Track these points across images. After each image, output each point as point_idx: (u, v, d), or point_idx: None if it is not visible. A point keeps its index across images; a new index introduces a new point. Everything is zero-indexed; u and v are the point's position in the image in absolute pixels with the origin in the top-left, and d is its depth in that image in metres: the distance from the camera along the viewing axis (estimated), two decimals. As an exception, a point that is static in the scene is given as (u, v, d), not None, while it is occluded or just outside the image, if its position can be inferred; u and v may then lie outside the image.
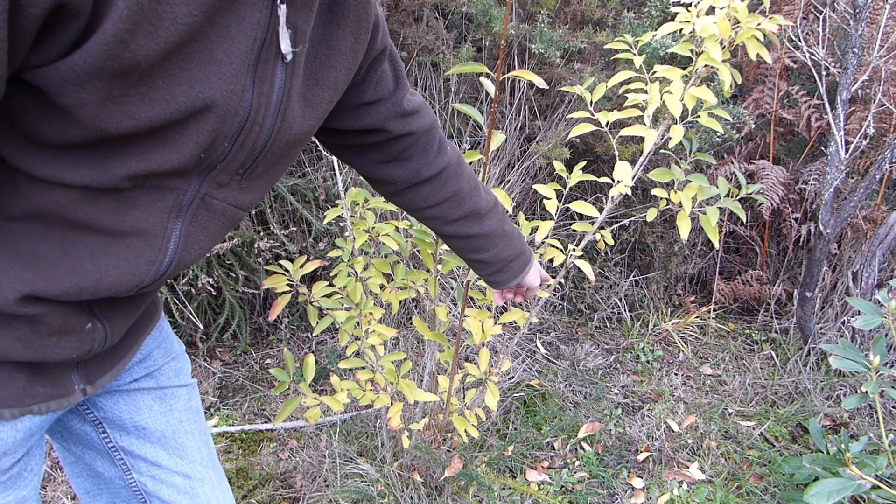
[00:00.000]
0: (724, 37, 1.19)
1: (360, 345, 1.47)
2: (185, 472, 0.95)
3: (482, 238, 1.10)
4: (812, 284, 2.43)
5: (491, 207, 1.10)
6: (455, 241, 1.11)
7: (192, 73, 0.60)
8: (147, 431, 0.92)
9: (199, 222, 0.73)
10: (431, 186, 1.02)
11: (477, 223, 1.08)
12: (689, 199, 1.28)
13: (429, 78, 2.72)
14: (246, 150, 0.70)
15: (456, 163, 1.04)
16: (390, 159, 0.98)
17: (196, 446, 0.97)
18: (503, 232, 1.12)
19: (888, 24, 2.41)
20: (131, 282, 0.70)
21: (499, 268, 1.14)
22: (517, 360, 2.47)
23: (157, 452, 0.93)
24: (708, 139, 2.49)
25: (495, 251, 1.12)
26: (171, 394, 0.95)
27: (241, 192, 0.75)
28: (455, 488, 1.80)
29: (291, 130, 0.73)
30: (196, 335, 2.32)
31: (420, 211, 1.06)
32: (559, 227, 2.76)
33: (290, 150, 0.78)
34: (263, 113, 0.68)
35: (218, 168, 0.70)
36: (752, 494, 1.94)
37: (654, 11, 2.52)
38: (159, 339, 0.94)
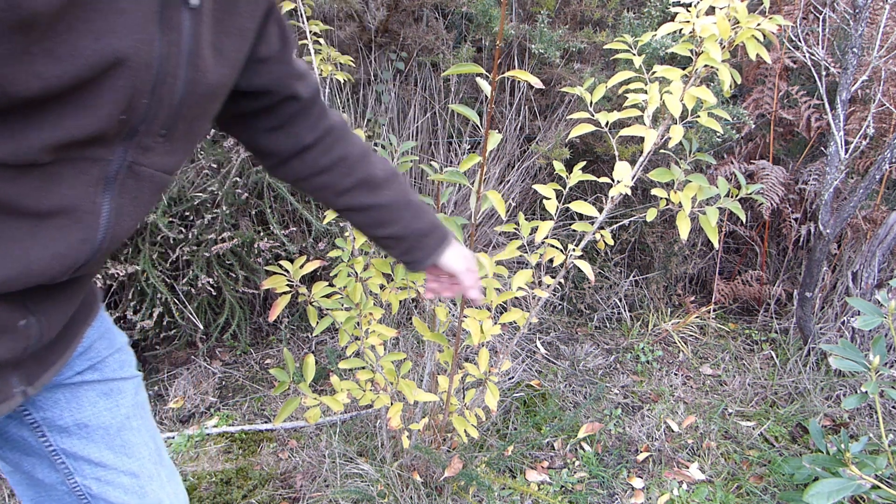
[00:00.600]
0: (724, 37, 1.19)
1: (360, 345, 1.47)
2: (132, 471, 0.91)
3: (382, 209, 1.02)
4: (812, 284, 2.43)
5: (388, 177, 1.03)
6: (355, 216, 1.04)
7: (96, 24, 0.58)
8: (90, 429, 0.87)
9: (129, 192, 0.71)
10: (316, 151, 0.98)
11: (373, 193, 1.01)
12: (689, 199, 1.28)
13: (429, 78, 2.72)
14: (165, 105, 0.68)
15: (340, 127, 1.00)
16: (277, 126, 0.94)
17: (143, 442, 0.93)
18: (408, 202, 1.05)
19: (888, 24, 2.41)
20: (65, 264, 0.67)
21: (411, 244, 1.05)
22: (517, 360, 2.47)
23: (101, 452, 0.89)
24: (708, 139, 2.49)
25: (402, 224, 1.04)
26: (116, 388, 0.91)
27: (166, 156, 0.73)
28: (455, 488, 1.80)
29: (206, 81, 0.72)
30: (196, 335, 2.32)
31: (308, 180, 1.00)
32: (559, 227, 2.76)
33: (208, 105, 0.76)
34: (175, 63, 0.66)
35: (140, 131, 0.68)
36: (751, 494, 1.94)
37: (654, 11, 2.52)
38: (101, 330, 0.90)
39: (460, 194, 2.74)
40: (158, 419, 2.16)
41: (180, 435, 2.05)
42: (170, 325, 2.24)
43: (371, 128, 2.61)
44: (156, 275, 2.12)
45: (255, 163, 2.28)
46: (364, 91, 2.63)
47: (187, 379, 2.32)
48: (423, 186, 2.72)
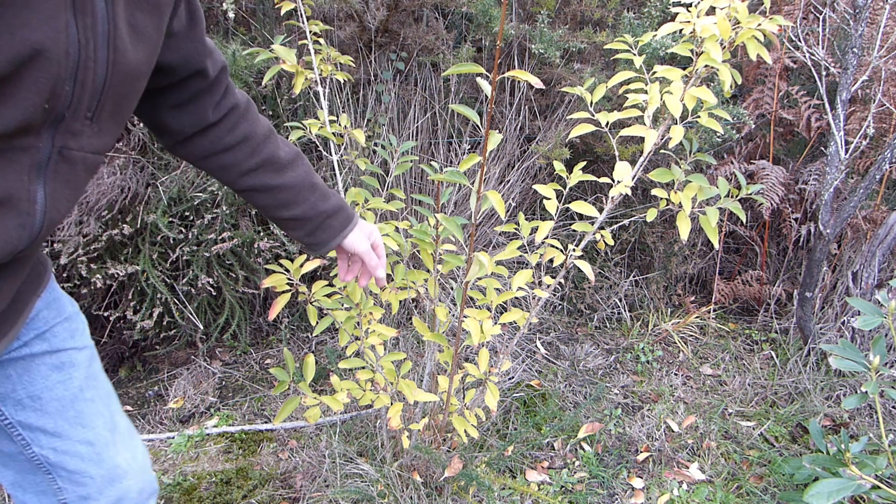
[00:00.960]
0: (725, 37, 1.19)
1: (360, 345, 1.47)
2: (87, 440, 0.93)
3: (287, 190, 1.03)
4: (812, 284, 2.43)
5: (292, 159, 1.04)
6: (260, 197, 1.04)
7: (8, 20, 0.59)
8: (44, 402, 0.90)
9: (62, 177, 0.72)
10: (219, 129, 0.98)
11: (277, 173, 1.02)
12: (689, 199, 1.28)
13: (429, 78, 2.72)
14: (88, 89, 0.69)
15: (245, 106, 1.01)
16: (182, 102, 0.95)
17: (97, 412, 0.95)
18: (312, 184, 1.06)
19: (888, 24, 2.41)
20: (5, 249, 0.69)
21: (315, 225, 1.06)
22: (517, 361, 2.47)
23: (56, 423, 0.91)
24: (708, 139, 2.49)
25: (307, 206, 1.05)
26: (68, 361, 0.92)
27: (95, 137, 0.75)
28: (455, 488, 1.80)
29: (126, 61, 0.73)
30: (196, 335, 2.32)
31: (211, 159, 1.00)
32: (559, 227, 2.76)
33: (133, 85, 0.77)
34: (94, 46, 0.67)
35: (67, 117, 0.69)
36: (752, 494, 1.94)
37: (654, 11, 2.52)
38: (48, 300, 0.91)
39: (460, 194, 2.74)
40: (158, 419, 2.16)
41: (180, 435, 2.05)
42: (170, 325, 2.24)
43: (371, 128, 2.61)
44: (156, 275, 2.12)
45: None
46: (364, 91, 2.63)
47: (187, 379, 2.32)
48: (423, 186, 2.72)
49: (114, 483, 0.97)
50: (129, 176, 2.11)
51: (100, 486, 0.95)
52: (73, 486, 0.94)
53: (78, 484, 0.94)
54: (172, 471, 1.93)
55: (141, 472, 1.02)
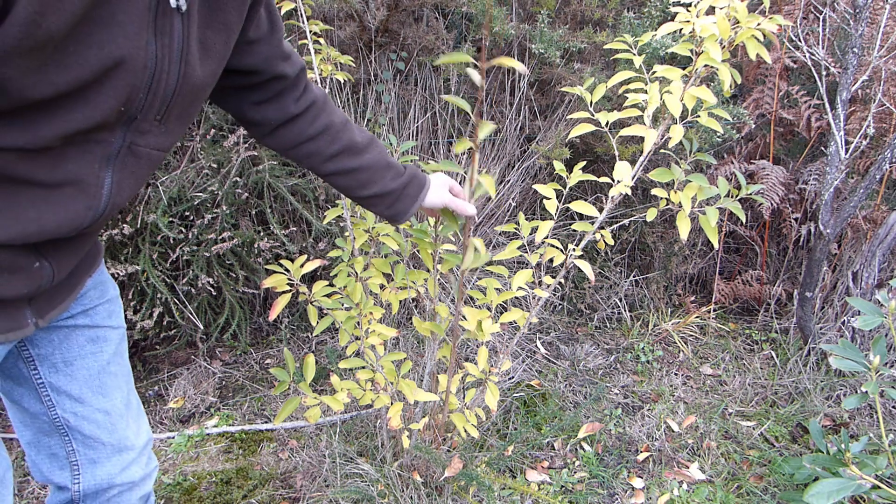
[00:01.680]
0: (724, 37, 1.19)
1: (360, 345, 1.47)
2: (105, 409, 1.05)
3: (365, 171, 1.14)
4: (812, 284, 2.42)
5: (368, 142, 1.15)
6: (341, 179, 1.15)
7: (99, 37, 0.68)
8: (74, 368, 1.01)
9: (128, 168, 0.82)
10: (302, 121, 1.09)
11: (356, 157, 1.13)
12: (689, 199, 1.28)
13: (429, 78, 2.72)
14: (159, 97, 0.79)
15: (322, 100, 1.12)
16: (265, 100, 1.06)
17: (117, 386, 1.07)
18: (387, 164, 1.16)
19: (888, 24, 2.41)
20: (71, 225, 0.79)
21: (394, 198, 1.17)
22: (517, 360, 2.47)
23: (81, 389, 1.02)
24: (708, 139, 2.49)
25: (383, 183, 1.15)
26: (102, 336, 1.04)
27: (161, 136, 0.85)
28: (455, 488, 1.80)
29: (195, 74, 0.82)
30: (196, 335, 2.32)
31: (297, 148, 1.11)
32: (559, 226, 2.76)
33: (199, 93, 0.87)
34: (168, 62, 0.77)
35: (139, 118, 0.79)
36: (752, 494, 1.94)
37: (654, 11, 2.52)
38: (97, 281, 1.03)
39: (460, 194, 2.73)
40: (158, 419, 2.16)
41: (180, 435, 2.05)
42: (170, 325, 2.24)
43: (371, 128, 2.61)
44: (156, 275, 2.12)
45: (256, 162, 2.28)
46: (364, 91, 2.63)
47: (187, 379, 2.32)
48: (423, 186, 2.71)
49: (121, 452, 1.08)
50: (130, 176, 2.11)
51: (108, 453, 1.07)
52: (86, 450, 1.05)
53: (90, 448, 1.05)
54: (172, 470, 1.93)
55: (144, 448, 1.13)
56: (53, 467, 1.06)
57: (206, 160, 2.15)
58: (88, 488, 1.07)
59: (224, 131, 2.26)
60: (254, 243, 2.26)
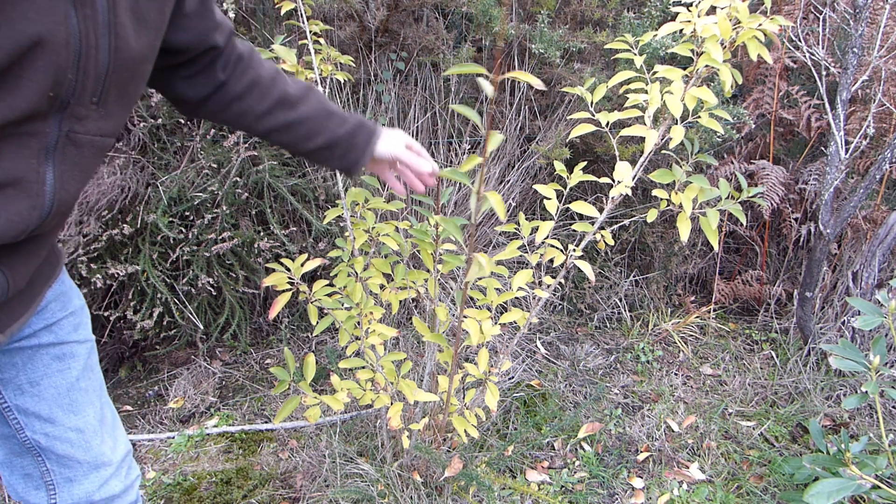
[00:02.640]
0: (725, 37, 1.19)
1: (360, 345, 1.47)
2: (78, 427, 1.00)
3: (304, 123, 1.05)
4: (812, 284, 2.42)
5: (304, 93, 1.06)
6: (281, 136, 1.06)
7: (7, 14, 0.61)
8: (41, 388, 0.95)
9: (70, 159, 0.75)
10: (229, 83, 1.01)
11: (291, 109, 1.04)
12: (690, 200, 1.28)
13: (429, 78, 2.72)
14: (91, 76, 0.72)
15: (249, 54, 1.03)
16: (194, 73, 0.98)
17: (89, 402, 1.01)
18: (328, 112, 1.07)
19: (888, 24, 2.41)
20: (17, 229, 0.73)
21: (344, 147, 1.08)
22: (517, 361, 2.47)
23: (51, 409, 0.97)
24: (708, 139, 2.49)
25: (328, 133, 1.07)
26: (69, 352, 0.97)
27: (102, 121, 0.77)
28: (455, 488, 1.80)
29: (129, 48, 0.75)
30: (196, 335, 2.31)
31: (225, 111, 1.03)
32: (559, 227, 2.76)
33: (138, 68, 0.80)
34: (94, 36, 0.69)
35: (72, 103, 0.72)
36: (752, 494, 1.94)
37: (655, 11, 2.52)
38: (57, 292, 0.96)
39: (460, 194, 2.74)
40: (158, 419, 2.16)
41: (180, 435, 2.05)
42: (170, 325, 2.24)
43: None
44: (156, 275, 2.12)
45: (256, 162, 2.28)
46: (364, 91, 2.63)
47: (187, 379, 2.32)
48: (423, 186, 2.71)
49: (98, 469, 1.03)
50: (130, 176, 2.11)
51: (85, 471, 1.02)
52: (61, 469, 1.01)
53: (65, 467, 1.01)
54: (172, 471, 1.93)
55: (122, 461, 1.08)
56: (28, 487, 1.02)
57: (206, 160, 2.15)
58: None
59: (224, 131, 2.26)
60: (254, 243, 2.25)
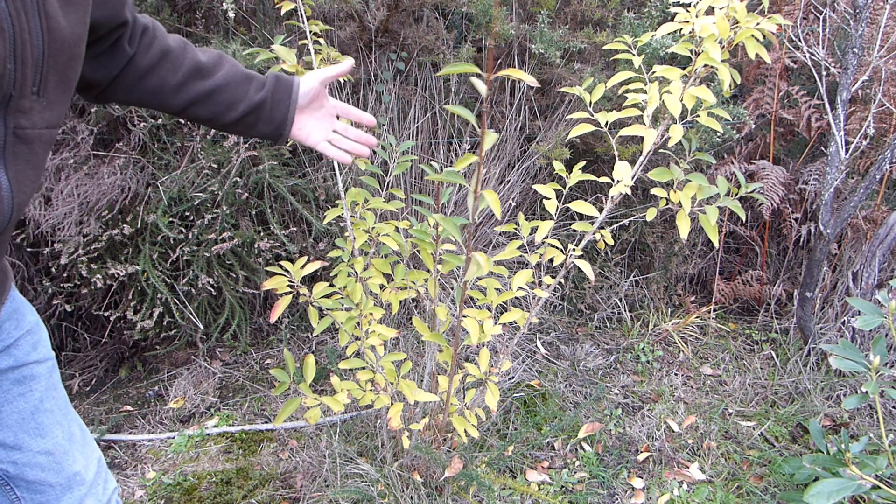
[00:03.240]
0: (724, 37, 1.19)
1: (360, 345, 1.47)
2: (46, 450, 0.95)
3: (223, 90, 1.01)
4: (812, 284, 2.42)
5: (216, 60, 1.03)
6: (201, 109, 1.02)
7: None
8: (3, 415, 0.91)
9: (22, 158, 0.73)
10: (137, 57, 0.96)
11: (207, 77, 1.00)
12: (689, 198, 1.28)
13: (429, 78, 2.72)
14: (29, 64, 0.69)
15: (152, 26, 0.99)
16: (103, 51, 0.94)
17: (56, 422, 0.97)
18: (246, 76, 1.04)
19: (888, 24, 2.41)
20: None
21: (269, 108, 1.05)
22: (517, 361, 2.47)
23: (16, 435, 0.93)
24: (708, 139, 2.49)
25: (249, 98, 1.03)
26: (29, 374, 0.93)
27: (46, 111, 0.75)
28: (455, 488, 1.80)
29: (59, 28, 0.72)
30: (196, 335, 2.32)
31: (137, 88, 0.98)
32: (559, 227, 2.76)
33: (73, 50, 0.77)
34: (25, 17, 0.67)
35: (14, 95, 0.69)
36: (752, 494, 1.94)
37: (654, 11, 2.52)
38: (10, 310, 0.91)
39: (460, 194, 2.74)
40: (158, 419, 2.16)
41: (180, 435, 2.05)
42: (170, 325, 2.24)
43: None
44: (156, 275, 2.12)
45: (256, 162, 2.28)
46: (364, 91, 2.63)
47: (187, 379, 2.32)
48: (422, 186, 2.72)
49: (72, 489, 0.99)
50: (129, 176, 2.11)
51: (58, 494, 0.98)
52: (32, 495, 0.96)
53: (37, 492, 0.96)
54: (172, 471, 1.93)
55: (97, 476, 1.04)
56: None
57: (206, 160, 2.15)
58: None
59: (224, 131, 2.26)
60: (254, 243, 2.26)
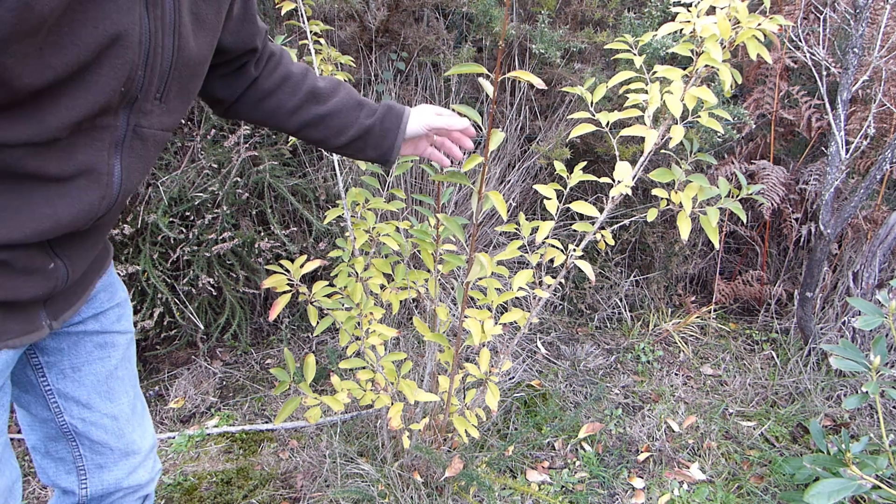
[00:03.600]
0: (725, 37, 1.19)
1: (360, 345, 1.47)
2: (112, 414, 1.05)
3: (335, 116, 1.09)
4: (812, 284, 2.42)
5: (333, 87, 1.11)
6: (313, 132, 1.10)
7: (93, 14, 0.68)
8: (82, 374, 1.00)
9: (136, 152, 0.82)
10: (261, 79, 1.06)
11: (321, 104, 1.09)
12: (690, 199, 1.28)
13: (429, 78, 2.72)
14: (157, 73, 0.79)
15: (279, 53, 1.09)
16: (230, 72, 1.04)
17: (124, 390, 1.07)
18: (358, 103, 1.11)
19: (889, 24, 2.41)
20: (87, 217, 0.79)
21: (377, 135, 1.12)
22: (517, 361, 2.47)
23: (89, 395, 1.02)
24: (708, 139, 2.49)
25: (359, 123, 1.10)
26: (111, 341, 1.03)
27: (164, 116, 0.84)
28: (455, 488, 1.80)
29: (189, 47, 0.82)
30: (196, 335, 2.32)
31: (257, 109, 1.08)
32: (560, 227, 2.76)
33: (197, 68, 0.87)
34: (162, 35, 0.77)
35: (139, 98, 0.78)
36: (752, 495, 1.94)
37: (655, 11, 2.52)
38: (106, 283, 1.02)
39: (461, 194, 2.74)
40: (159, 419, 2.16)
41: (181, 435, 2.05)
42: (170, 325, 2.24)
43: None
44: (156, 275, 2.12)
45: (256, 162, 2.28)
46: (365, 91, 2.63)
47: (188, 379, 2.32)
48: (423, 186, 2.72)
49: (128, 457, 1.08)
50: (130, 176, 2.11)
51: (116, 458, 1.07)
52: (93, 455, 1.05)
53: (97, 453, 1.05)
54: (173, 471, 1.93)
55: (150, 451, 1.14)
56: (60, 472, 1.05)
57: (206, 160, 2.15)
58: (95, 493, 1.07)
59: (224, 131, 2.26)
60: (254, 243, 2.26)
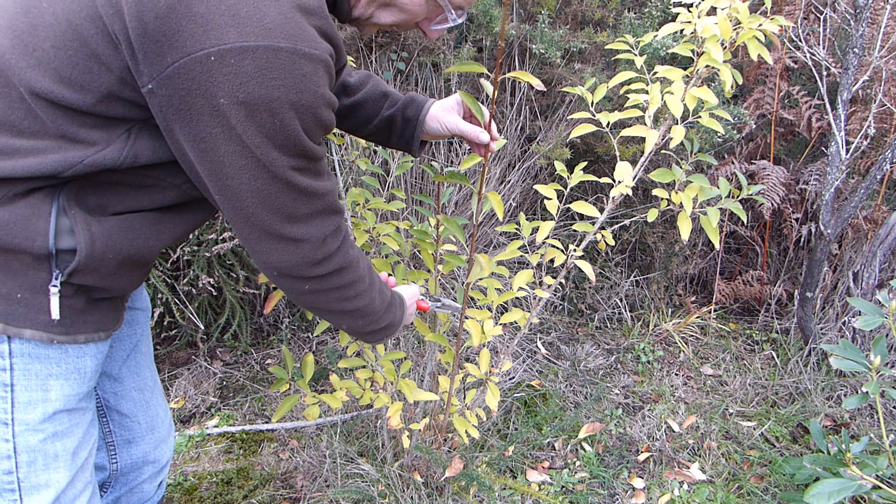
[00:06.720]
0: (726, 37, 1.19)
1: (360, 344, 1.47)
2: (139, 387, 1.13)
3: (362, 107, 1.18)
4: (813, 285, 2.42)
5: (363, 80, 1.20)
6: (344, 122, 1.20)
7: None
8: (113, 349, 1.08)
9: None
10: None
11: (350, 96, 1.18)
12: (690, 199, 1.28)
13: (429, 78, 2.72)
14: None
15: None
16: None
17: (146, 365, 1.15)
18: (383, 93, 1.21)
19: (889, 24, 2.41)
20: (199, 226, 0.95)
21: (399, 125, 1.19)
22: (518, 361, 2.47)
23: (119, 368, 1.09)
24: (709, 139, 2.49)
25: (381, 114, 1.19)
26: (134, 318, 1.11)
27: None
28: (456, 488, 1.80)
29: None
30: (197, 335, 2.32)
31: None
32: (560, 227, 2.76)
33: None
34: None
35: None
36: (752, 495, 1.94)
37: (655, 12, 2.52)
38: None
39: (461, 194, 2.74)
40: (159, 419, 2.16)
41: (181, 435, 2.05)
42: (170, 325, 2.24)
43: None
44: (156, 275, 2.12)
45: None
46: (365, 91, 2.62)
47: (188, 379, 2.32)
48: (423, 186, 2.72)
49: (153, 431, 1.16)
50: (130, 176, 2.11)
51: (143, 432, 1.14)
52: (121, 431, 1.12)
53: (126, 429, 1.12)
54: (173, 471, 1.93)
55: (170, 429, 1.21)
56: None
57: (206, 160, 2.15)
58: (125, 467, 1.14)
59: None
60: (254, 243, 2.25)
